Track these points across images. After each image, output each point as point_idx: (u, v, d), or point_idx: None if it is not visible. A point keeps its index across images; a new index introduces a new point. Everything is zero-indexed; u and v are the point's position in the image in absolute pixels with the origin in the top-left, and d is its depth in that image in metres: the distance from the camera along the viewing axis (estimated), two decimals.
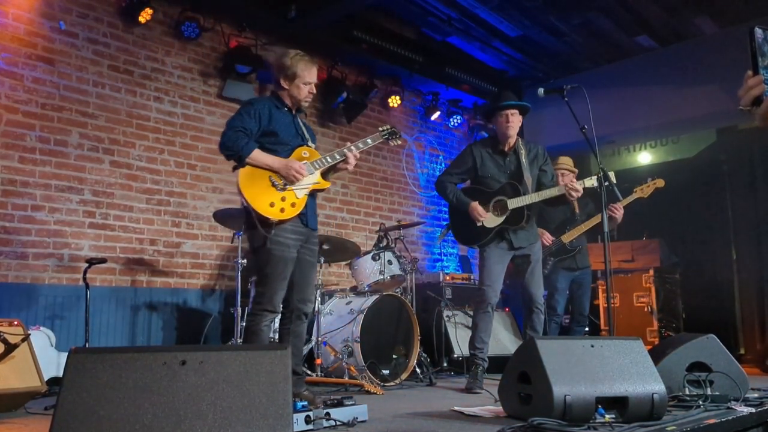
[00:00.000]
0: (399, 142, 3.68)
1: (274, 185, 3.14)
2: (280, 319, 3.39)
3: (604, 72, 7.29)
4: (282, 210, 3.13)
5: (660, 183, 5.01)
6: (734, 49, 6.07)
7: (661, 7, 6.07)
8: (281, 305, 3.26)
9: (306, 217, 3.26)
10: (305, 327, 3.43)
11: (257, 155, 3.13)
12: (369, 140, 3.51)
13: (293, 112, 3.39)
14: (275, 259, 3.14)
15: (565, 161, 5.36)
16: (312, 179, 3.25)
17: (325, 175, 3.36)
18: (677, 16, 6.25)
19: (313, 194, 3.33)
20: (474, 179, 4.26)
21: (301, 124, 3.41)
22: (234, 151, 3.11)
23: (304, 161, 3.25)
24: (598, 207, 5.27)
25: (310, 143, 3.38)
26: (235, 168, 3.18)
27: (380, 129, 3.61)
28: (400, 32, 6.48)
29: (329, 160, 3.31)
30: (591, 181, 3.85)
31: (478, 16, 6.20)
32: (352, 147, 3.37)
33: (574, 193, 3.90)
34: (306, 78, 3.27)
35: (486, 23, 6.35)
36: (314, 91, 3.35)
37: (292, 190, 3.17)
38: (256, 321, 3.15)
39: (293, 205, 3.17)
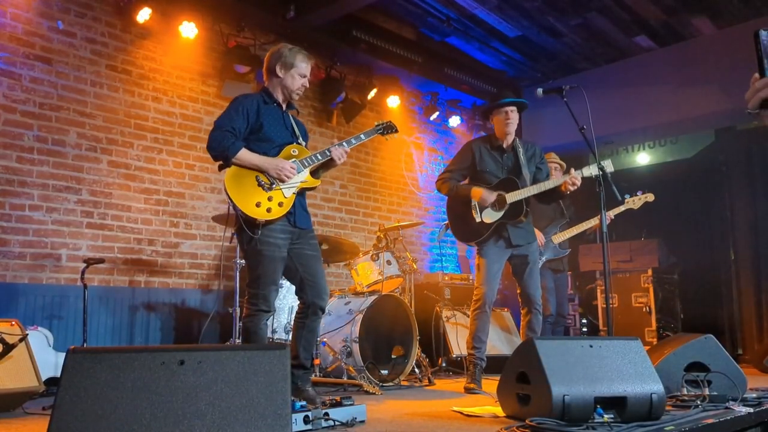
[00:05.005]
0: (395, 136, 3.56)
1: (260, 185, 3.07)
2: (296, 312, 3.34)
3: (603, 72, 7.30)
4: (269, 210, 3.06)
5: (650, 197, 5.25)
6: (732, 50, 6.09)
7: (660, 8, 6.08)
8: (271, 301, 3.21)
9: (294, 216, 3.19)
10: (320, 322, 3.40)
11: (244, 155, 3.07)
12: (362, 135, 3.41)
13: (284, 108, 3.33)
14: (266, 260, 3.10)
15: (555, 156, 5.52)
16: (300, 177, 3.17)
17: (315, 173, 3.30)
18: (676, 16, 6.26)
19: (301, 193, 3.26)
20: (472, 175, 4.26)
21: (292, 120, 3.35)
22: (220, 151, 3.05)
23: (293, 159, 3.18)
24: (577, 211, 5.45)
25: (300, 140, 3.30)
26: (221, 168, 3.13)
27: (376, 123, 3.54)
28: (399, 32, 6.48)
29: (319, 157, 3.23)
30: (589, 170, 3.82)
31: (477, 17, 6.20)
32: (344, 143, 3.32)
33: (571, 186, 3.89)
34: (302, 70, 3.24)
35: (485, 23, 6.35)
36: (307, 85, 3.31)
37: (280, 189, 3.09)
38: (254, 321, 3.14)
39: (280, 204, 3.10)
